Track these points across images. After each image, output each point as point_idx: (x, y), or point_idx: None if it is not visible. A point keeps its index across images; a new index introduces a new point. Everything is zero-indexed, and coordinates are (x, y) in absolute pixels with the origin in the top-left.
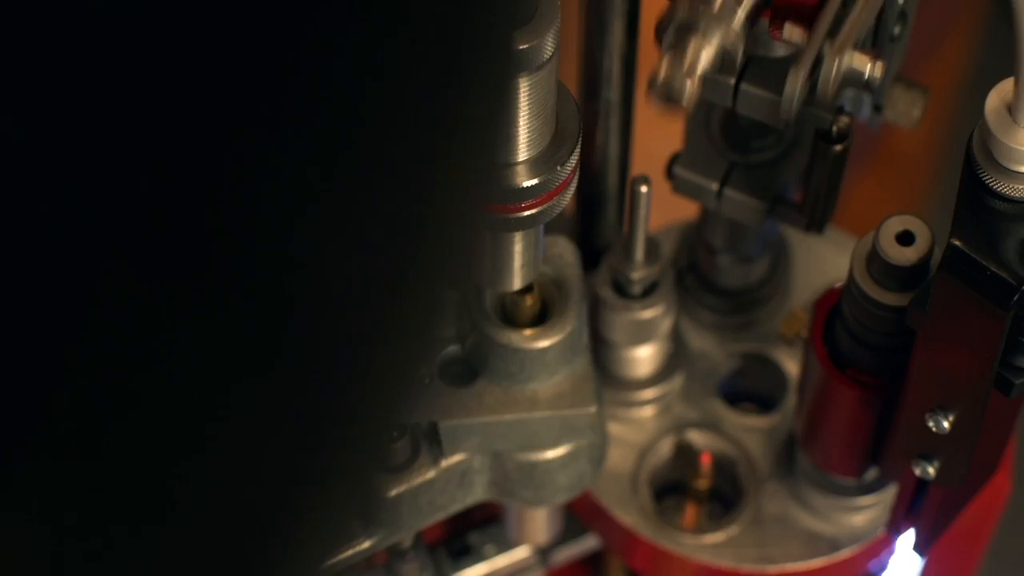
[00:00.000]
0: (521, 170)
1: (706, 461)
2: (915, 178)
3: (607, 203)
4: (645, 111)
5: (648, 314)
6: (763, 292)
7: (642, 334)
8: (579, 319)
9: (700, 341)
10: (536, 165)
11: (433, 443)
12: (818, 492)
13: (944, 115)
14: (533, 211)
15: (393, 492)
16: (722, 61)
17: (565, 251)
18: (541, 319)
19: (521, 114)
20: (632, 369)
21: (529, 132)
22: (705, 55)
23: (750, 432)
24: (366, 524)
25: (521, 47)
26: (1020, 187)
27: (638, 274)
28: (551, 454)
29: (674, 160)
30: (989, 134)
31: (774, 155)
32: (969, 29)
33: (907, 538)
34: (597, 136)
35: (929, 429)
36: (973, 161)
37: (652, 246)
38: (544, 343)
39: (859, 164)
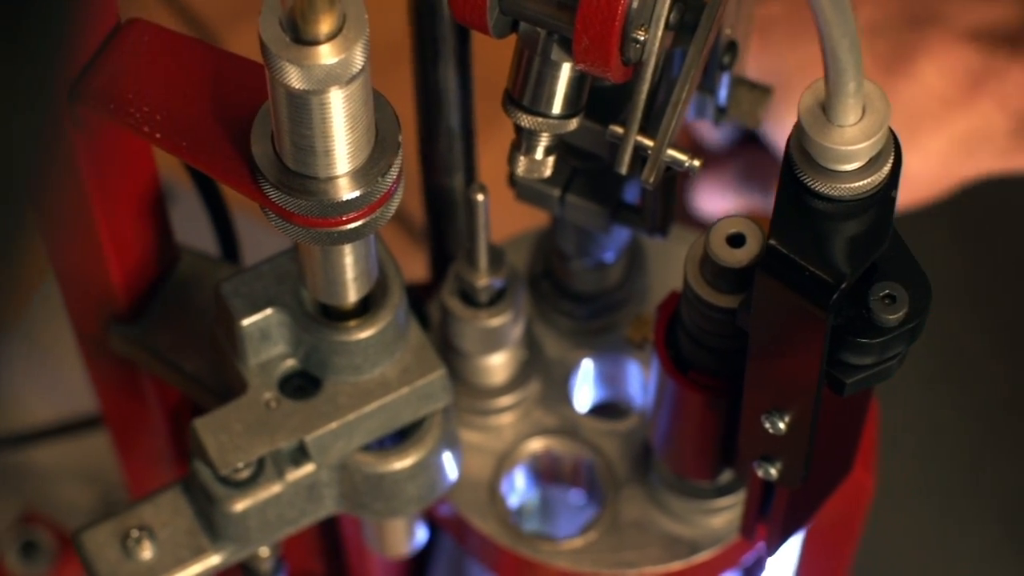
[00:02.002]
0: (343, 183)
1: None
2: None
3: (456, 211)
4: (489, 117)
5: (496, 322)
6: (619, 296)
7: (492, 342)
8: (401, 294)
9: (557, 347)
10: (357, 177)
11: (278, 457)
12: (675, 495)
13: None
14: (358, 223)
15: (239, 507)
16: (559, 135)
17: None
18: (364, 304)
19: (336, 127)
20: (486, 377)
21: (347, 145)
22: (551, 159)
23: (607, 437)
24: (214, 539)
25: (331, 61)
26: (839, 186)
27: (483, 282)
28: (398, 465)
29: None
30: (804, 134)
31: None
32: None
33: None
34: (440, 143)
35: (767, 431)
36: (791, 161)
37: (496, 254)
38: (378, 326)
39: None
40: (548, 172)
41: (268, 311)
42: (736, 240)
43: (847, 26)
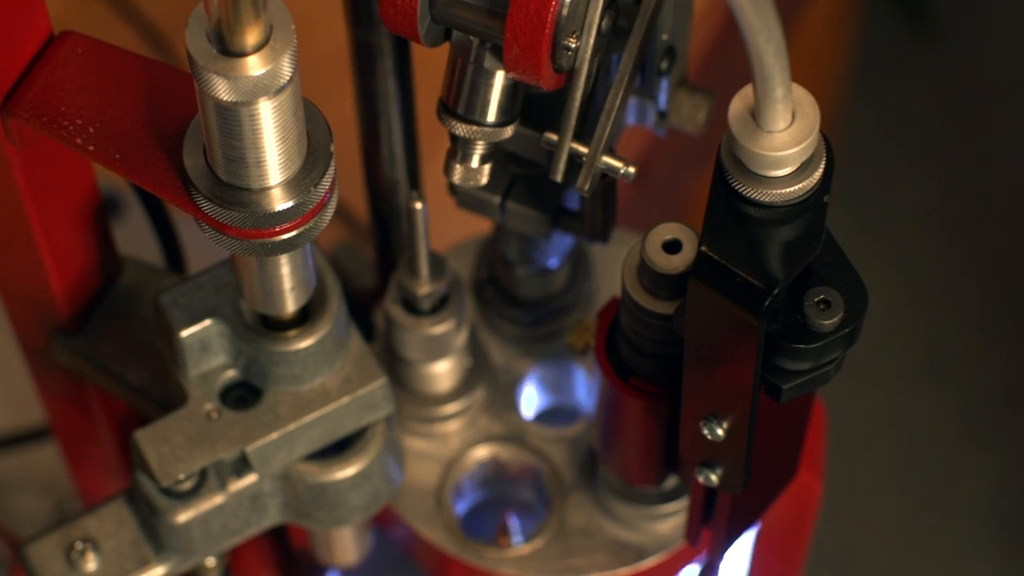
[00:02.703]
0: (275, 194)
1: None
2: None
3: (400, 219)
4: (438, 126)
5: (439, 329)
6: (564, 302)
7: (436, 349)
8: (340, 303)
9: (503, 354)
10: (290, 188)
11: (221, 467)
12: (622, 501)
13: (830, 109)
14: (292, 234)
15: (182, 518)
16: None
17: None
18: (304, 314)
19: (267, 138)
20: (431, 385)
21: (279, 156)
22: (487, 166)
23: (554, 443)
24: (159, 550)
25: (258, 72)
26: (771, 192)
27: (425, 290)
28: (341, 474)
29: None
30: (734, 140)
31: None
32: (853, 25)
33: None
34: (382, 151)
35: (705, 437)
36: (722, 168)
37: (437, 262)
38: (317, 336)
39: None
40: (484, 180)
41: (207, 322)
42: (672, 246)
43: (772, 32)
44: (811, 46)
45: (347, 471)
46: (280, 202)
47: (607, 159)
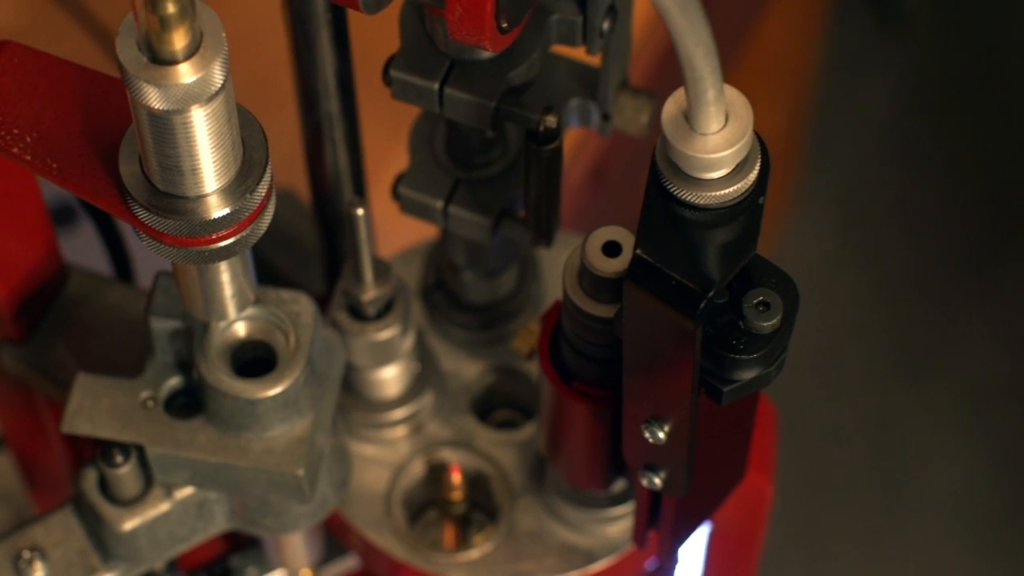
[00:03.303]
0: (211, 201)
1: (457, 478)
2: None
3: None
4: (388, 133)
5: (385, 335)
6: (511, 306)
7: (383, 355)
8: (301, 378)
9: (451, 358)
10: (225, 195)
11: None
12: (570, 505)
13: (798, 107)
14: (229, 241)
15: (128, 526)
16: None
17: (304, 310)
18: (267, 367)
19: (201, 146)
20: (379, 390)
21: (213, 163)
22: None
23: (503, 447)
24: (106, 558)
25: (189, 80)
26: (705, 194)
27: (369, 296)
28: None
29: (399, 180)
30: (668, 143)
31: (498, 170)
32: (821, 22)
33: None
34: (325, 158)
35: (647, 440)
36: (657, 170)
37: (381, 267)
38: (256, 395)
39: None
40: None
41: (176, 322)
42: (612, 249)
43: (700, 34)
44: (778, 43)
45: None
46: (217, 209)
47: None
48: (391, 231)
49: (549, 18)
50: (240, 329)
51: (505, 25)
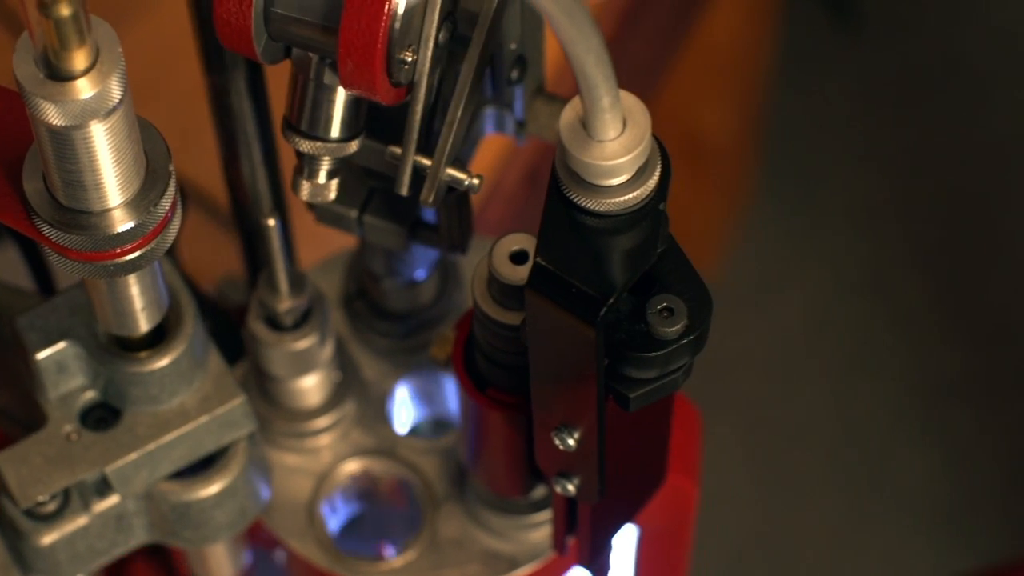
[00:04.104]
0: (116, 215)
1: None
2: (718, 175)
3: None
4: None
5: (302, 344)
6: (433, 313)
7: (302, 365)
8: (194, 323)
9: (374, 367)
10: (130, 209)
11: (84, 488)
12: (492, 512)
13: (751, 105)
14: (135, 254)
15: (46, 540)
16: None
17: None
18: (160, 334)
19: (102, 160)
20: (300, 400)
21: (116, 177)
22: (335, 181)
23: (425, 455)
24: (26, 572)
25: (87, 95)
26: (605, 201)
27: (285, 306)
28: (204, 492)
29: None
30: (566, 151)
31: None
32: (772, 20)
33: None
34: (242, 169)
35: (558, 447)
36: (556, 178)
37: (297, 277)
38: (172, 356)
39: None
40: (332, 195)
41: (62, 344)
42: (519, 257)
43: (590, 42)
44: (728, 42)
45: (210, 489)
46: (121, 223)
47: (451, 171)
48: (324, 238)
49: (458, 67)
50: None
51: (398, 79)
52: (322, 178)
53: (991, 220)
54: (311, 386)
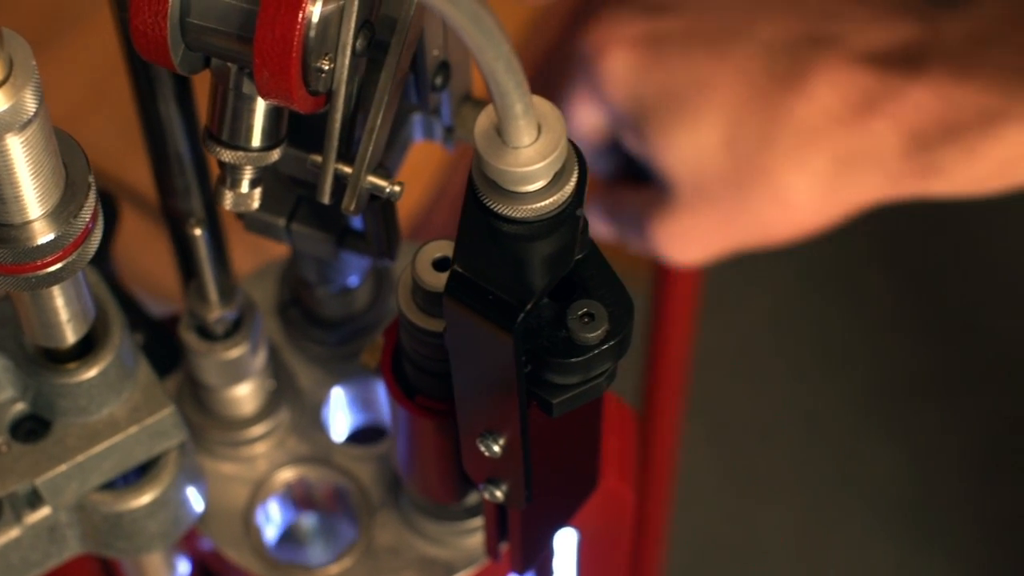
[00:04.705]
0: (36, 228)
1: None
2: None
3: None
4: None
5: (234, 353)
6: (367, 320)
7: (234, 373)
8: (122, 333)
9: (309, 374)
10: (50, 221)
11: (15, 500)
12: (428, 518)
13: None
14: (57, 266)
15: None
16: (263, 167)
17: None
18: (88, 345)
19: (20, 173)
20: (234, 408)
21: (35, 190)
22: (257, 190)
23: (361, 462)
24: None
25: (1, 109)
26: (521, 207)
27: (215, 315)
28: (135, 503)
29: None
30: (481, 158)
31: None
32: None
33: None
34: (173, 178)
35: (483, 454)
36: (473, 185)
37: (226, 286)
38: (99, 367)
39: None
40: (255, 204)
41: None
42: (442, 264)
43: (499, 49)
44: None
45: (141, 499)
46: (41, 235)
47: (372, 179)
48: (266, 244)
49: (379, 75)
50: None
51: (316, 88)
52: (245, 187)
53: (955, 218)
54: (245, 395)
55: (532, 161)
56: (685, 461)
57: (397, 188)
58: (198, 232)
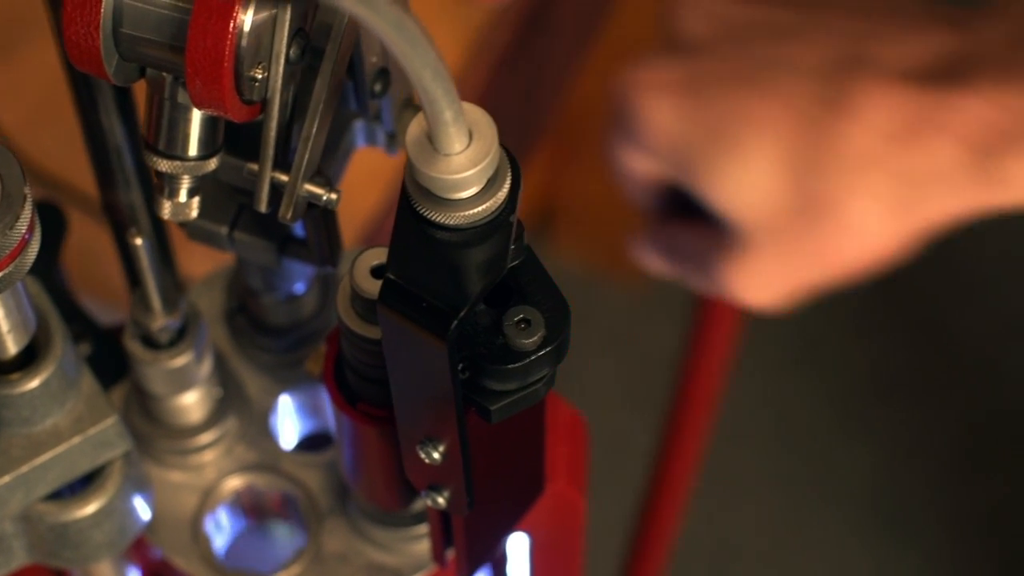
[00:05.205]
0: None
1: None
2: None
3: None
4: None
5: (179, 362)
6: (314, 327)
7: (180, 382)
8: (64, 344)
9: (257, 381)
10: None
11: None
12: (375, 525)
13: None
14: None
15: None
16: (200, 176)
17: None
18: (31, 356)
19: None
20: (181, 417)
21: None
22: (196, 199)
23: (309, 469)
24: None
25: None
26: (454, 214)
27: (159, 324)
28: (80, 513)
29: None
30: (413, 166)
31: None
32: None
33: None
34: (116, 187)
35: (424, 461)
36: (406, 192)
37: (170, 295)
38: (41, 377)
39: (591, 160)
40: (194, 213)
41: None
42: (379, 271)
43: (425, 57)
44: (655, 43)
45: (86, 509)
46: None
47: (308, 187)
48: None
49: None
50: None
51: (250, 97)
52: (183, 196)
53: None
54: (191, 403)
55: (463, 168)
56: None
57: (334, 196)
58: (139, 242)
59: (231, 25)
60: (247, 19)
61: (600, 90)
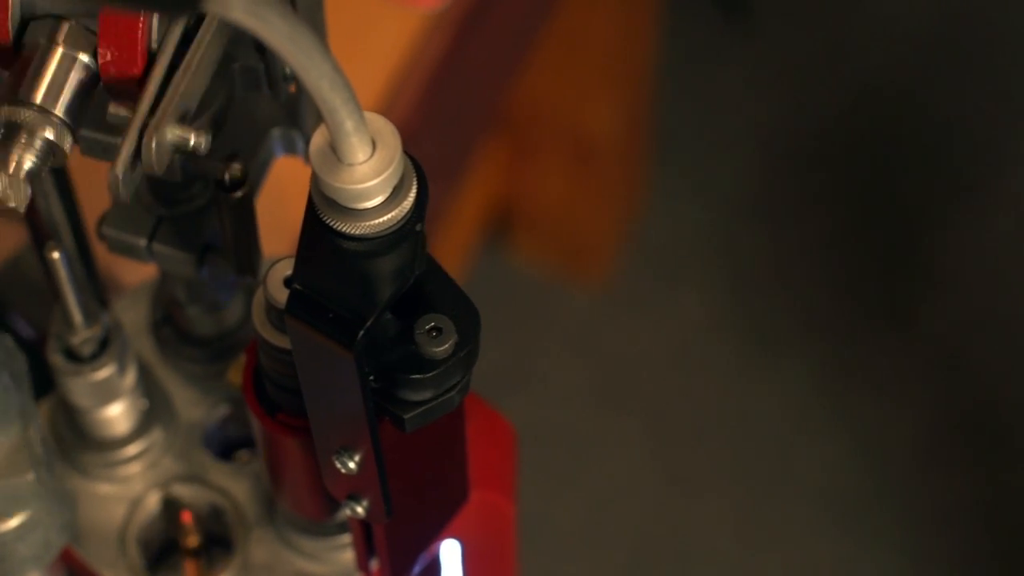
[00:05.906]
0: None
1: (187, 518)
2: (608, 175)
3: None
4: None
5: (102, 374)
6: (240, 337)
7: (104, 394)
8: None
9: (184, 392)
10: None
11: None
12: (302, 534)
13: (640, 104)
14: None
15: None
16: (52, 154)
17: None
18: None
19: None
20: (106, 429)
21: None
22: (28, 157)
23: (236, 480)
24: None
25: None
26: (360, 224)
27: (80, 337)
28: (2, 527)
29: (102, 220)
30: (317, 176)
31: (200, 204)
32: (652, 18)
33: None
34: (39, 208)
35: (340, 470)
36: (312, 202)
37: (90, 307)
38: None
39: (547, 162)
40: (24, 202)
41: None
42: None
43: (321, 67)
44: (608, 38)
45: (9, 524)
46: None
47: (174, 129)
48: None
49: (232, 66)
50: None
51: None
52: (22, 173)
53: (890, 208)
54: (116, 415)
55: (367, 178)
56: (623, 458)
57: (203, 141)
58: (56, 256)
59: None
60: None
61: (552, 91)
